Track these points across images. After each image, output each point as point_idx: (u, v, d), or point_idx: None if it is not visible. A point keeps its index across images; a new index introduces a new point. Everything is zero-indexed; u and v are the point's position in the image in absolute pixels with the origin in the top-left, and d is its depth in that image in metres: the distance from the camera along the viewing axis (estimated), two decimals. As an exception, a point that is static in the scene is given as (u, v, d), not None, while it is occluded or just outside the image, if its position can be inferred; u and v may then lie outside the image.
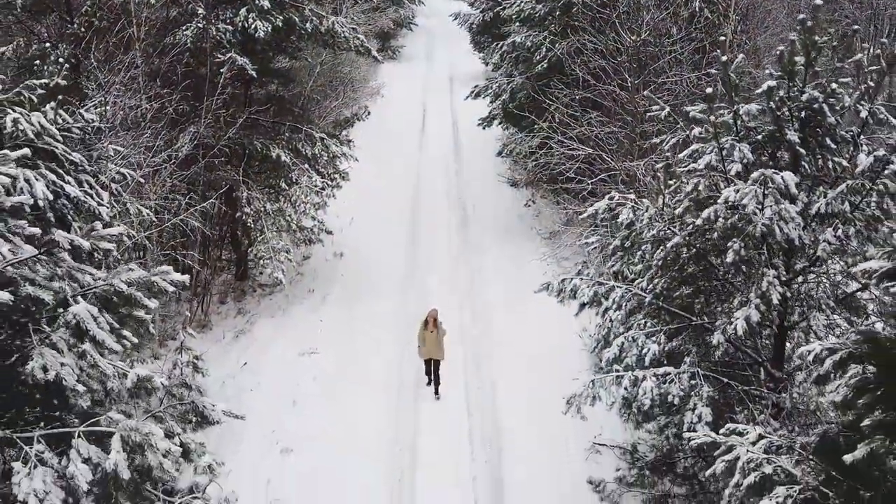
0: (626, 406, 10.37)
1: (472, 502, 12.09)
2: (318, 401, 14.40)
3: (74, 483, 6.27)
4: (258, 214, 16.97)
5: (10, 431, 6.54)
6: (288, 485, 12.21)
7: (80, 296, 6.79)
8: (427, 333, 14.72)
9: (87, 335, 6.64)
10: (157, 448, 6.46)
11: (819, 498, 7.07)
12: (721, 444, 7.71)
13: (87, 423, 6.56)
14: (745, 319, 9.61)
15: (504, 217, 23.39)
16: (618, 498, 12.02)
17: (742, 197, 9.35)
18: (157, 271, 7.01)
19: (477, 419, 14.08)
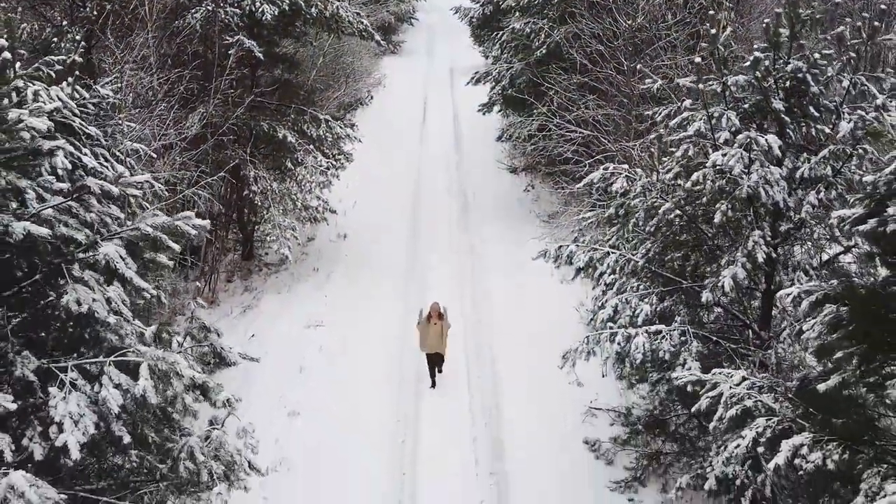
0: (619, 361, 10.87)
1: (472, 461, 12.57)
2: (324, 369, 14.93)
3: (106, 407, 6.76)
4: (265, 193, 17.47)
5: (46, 361, 7.05)
6: (294, 445, 12.72)
7: (108, 239, 7.30)
8: (430, 327, 14.20)
9: (116, 273, 7.15)
10: (181, 375, 6.99)
11: (795, 428, 7.58)
12: (707, 381, 8.22)
13: (117, 354, 7.08)
14: (732, 277, 10.11)
15: (504, 201, 23.90)
16: (612, 456, 12.53)
17: (729, 159, 9.86)
18: (180, 216, 7.52)
19: (477, 386, 14.57)
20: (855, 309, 7.32)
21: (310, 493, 11.71)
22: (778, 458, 7.40)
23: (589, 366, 14.66)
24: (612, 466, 12.34)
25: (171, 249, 7.36)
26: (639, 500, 11.65)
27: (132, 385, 6.87)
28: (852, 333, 7.24)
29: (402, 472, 12.32)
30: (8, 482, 5.91)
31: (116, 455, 7.43)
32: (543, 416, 13.54)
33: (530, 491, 11.83)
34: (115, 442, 6.93)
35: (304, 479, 12.00)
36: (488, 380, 14.80)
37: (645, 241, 11.95)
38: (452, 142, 29.68)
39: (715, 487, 10.42)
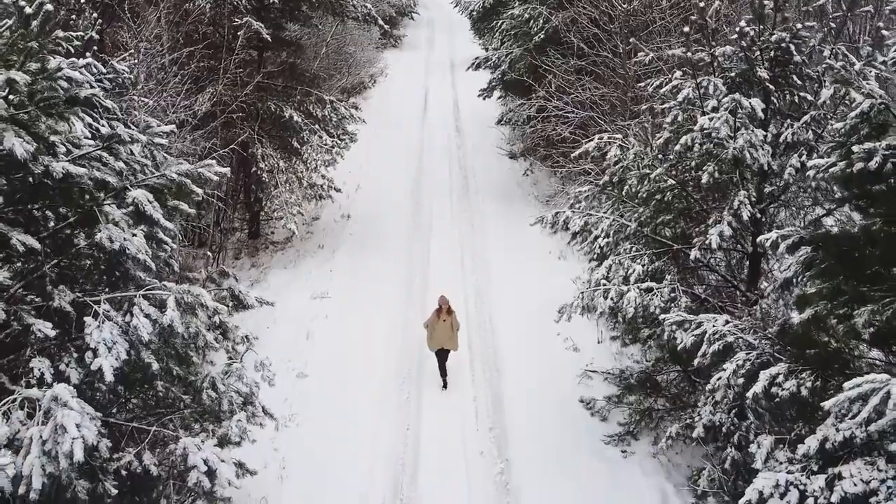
0: (612, 316, 11.46)
1: (473, 417, 13.17)
2: (330, 335, 15.52)
3: (137, 335, 7.35)
4: (272, 171, 18.06)
5: (80, 295, 7.65)
6: (303, 403, 13.29)
7: (136, 186, 7.90)
8: (439, 322, 13.80)
9: (144, 215, 7.74)
10: (206, 305, 7.58)
11: (773, 360, 8.18)
12: (692, 321, 8.82)
13: (146, 288, 7.67)
14: (719, 234, 10.72)
15: (503, 185, 24.47)
16: (607, 413, 13.10)
17: (715, 122, 10.46)
18: (203, 164, 8.10)
19: (478, 352, 15.15)
20: (826, 249, 7.93)
21: (318, 446, 12.27)
22: (756, 387, 8.01)
23: (585, 333, 15.43)
24: (607, 423, 12.91)
25: (196, 194, 7.93)
26: (631, 452, 12.22)
27: (160, 316, 7.46)
28: (824, 271, 7.85)
29: (407, 426, 12.91)
30: (52, 393, 6.50)
31: (145, 384, 8.00)
32: (541, 379, 14.12)
33: (528, 443, 12.41)
34: (143, 369, 7.50)
35: (312, 433, 12.58)
36: (489, 346, 15.37)
37: (637, 207, 12.57)
38: (453, 129, 30.27)
39: (703, 435, 11.07)
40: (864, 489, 7.20)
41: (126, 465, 7.71)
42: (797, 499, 7.46)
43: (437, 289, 17.39)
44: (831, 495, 7.31)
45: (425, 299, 16.96)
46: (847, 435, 7.38)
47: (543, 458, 12.07)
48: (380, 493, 11.39)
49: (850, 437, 7.37)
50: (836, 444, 7.43)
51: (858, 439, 7.37)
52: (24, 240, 7.17)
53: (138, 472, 7.74)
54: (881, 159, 6.89)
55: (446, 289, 15.43)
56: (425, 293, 17.23)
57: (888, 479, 7.17)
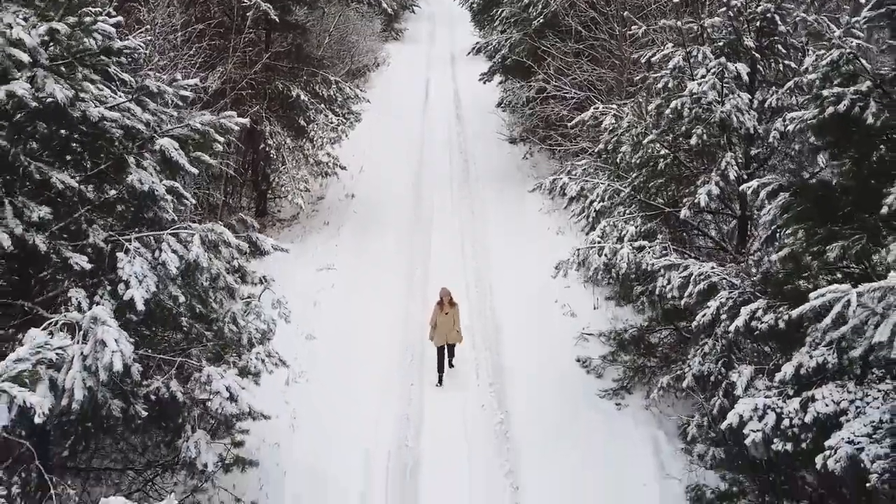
0: (606, 272, 12.06)
1: (474, 375, 13.79)
2: (336, 302, 16.16)
3: (165, 269, 7.98)
4: (279, 148, 18.69)
5: (113, 233, 8.27)
6: (311, 362, 13.93)
7: (163, 135, 8.52)
8: (442, 316, 13.39)
9: (171, 161, 8.37)
10: (229, 243, 8.21)
11: (753, 298, 8.81)
12: (680, 265, 9.44)
13: (173, 228, 8.30)
14: (707, 193, 11.34)
15: (503, 168, 25.09)
16: (602, 371, 13.73)
17: (703, 86, 11.09)
18: (224, 115, 8.74)
19: (479, 318, 15.77)
20: (803, 194, 8.56)
21: (326, 401, 12.91)
22: (738, 321, 8.65)
23: (582, 299, 16.07)
24: (602, 379, 13.54)
25: (218, 142, 8.56)
26: (625, 405, 12.84)
27: (186, 252, 8.08)
28: (800, 213, 8.48)
29: (411, 383, 13.54)
30: (92, 314, 7.12)
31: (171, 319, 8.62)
32: (539, 341, 14.74)
33: (526, 398, 13.04)
34: (171, 301, 8.12)
35: (321, 389, 13.22)
36: (489, 314, 16.00)
37: (631, 173, 13.20)
38: (454, 116, 30.89)
39: (692, 384, 11.70)
40: (834, 409, 7.83)
41: (154, 391, 8.33)
42: (774, 420, 8.10)
43: (439, 259, 18.15)
44: (805, 416, 7.94)
45: (427, 271, 17.63)
46: (820, 361, 8.02)
47: (541, 410, 12.70)
48: (385, 444, 12.01)
49: (823, 363, 8.02)
50: (810, 370, 8.07)
51: (830, 364, 8.02)
52: (62, 179, 7.79)
53: (165, 397, 8.37)
54: (849, 102, 7.52)
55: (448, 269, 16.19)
56: (427, 265, 17.92)
57: (856, 400, 7.80)
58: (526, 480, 11.14)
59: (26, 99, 7.18)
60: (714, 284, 9.28)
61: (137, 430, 8.55)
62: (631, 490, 10.86)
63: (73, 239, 8.17)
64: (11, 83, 7.10)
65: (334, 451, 11.66)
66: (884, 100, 7.62)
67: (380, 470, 11.38)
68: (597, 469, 11.25)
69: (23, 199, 7.72)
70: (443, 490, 10.94)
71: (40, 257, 8.05)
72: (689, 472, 11.12)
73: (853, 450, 7.41)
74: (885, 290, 6.18)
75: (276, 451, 11.57)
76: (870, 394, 7.82)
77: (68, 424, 8.28)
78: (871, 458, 7.32)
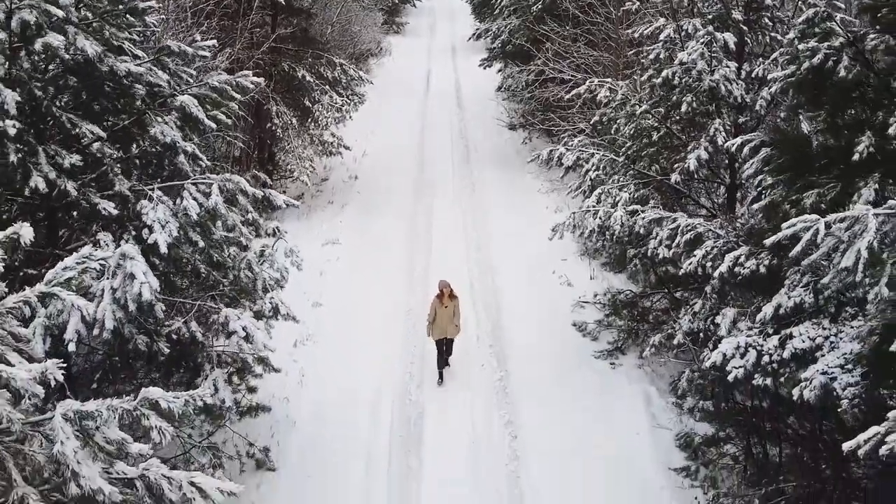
0: (600, 234, 12.63)
1: (474, 338, 14.35)
2: (341, 273, 16.75)
3: (186, 215, 8.54)
4: (285, 127, 19.27)
5: (137, 182, 8.85)
6: (317, 326, 14.50)
7: (183, 92, 9.09)
8: (441, 309, 12.89)
9: (191, 116, 8.94)
10: (246, 192, 8.79)
11: (737, 247, 9.38)
12: (668, 217, 10.01)
13: (193, 179, 8.86)
14: (696, 158, 11.92)
15: (502, 152, 25.69)
16: (597, 334, 14.30)
17: (692, 54, 11.66)
18: (240, 74, 9.31)
19: (479, 289, 16.34)
20: (782, 148, 9.13)
21: (332, 361, 13.49)
22: (722, 267, 9.22)
23: (578, 270, 16.66)
24: (597, 342, 14.10)
25: (235, 100, 9.13)
26: (619, 364, 13.41)
27: (206, 200, 8.65)
28: (780, 166, 9.05)
29: (413, 345, 14.10)
30: (121, 251, 7.68)
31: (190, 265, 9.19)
32: (537, 308, 15.32)
33: (524, 358, 13.61)
34: (191, 245, 8.69)
35: (327, 350, 13.80)
36: (489, 283, 16.56)
37: (625, 143, 13.78)
38: (455, 104, 31.50)
39: (683, 341, 12.28)
40: (810, 345, 8.39)
41: (175, 331, 8.89)
42: (755, 357, 8.66)
43: (440, 234, 18.73)
44: (783, 352, 8.50)
45: (430, 246, 18.20)
46: (797, 301, 8.59)
47: (539, 369, 13.27)
48: (389, 398, 12.58)
49: (800, 303, 8.59)
50: (788, 309, 8.63)
51: (807, 304, 8.59)
52: (91, 129, 8.36)
53: (186, 337, 8.93)
54: (823, 57, 8.08)
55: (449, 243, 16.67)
56: (430, 240, 18.50)
57: (831, 336, 8.36)
58: (524, 429, 11.72)
59: (60, 51, 7.75)
60: (700, 234, 9.86)
61: (160, 368, 9.10)
62: (624, 438, 11.44)
63: (100, 188, 8.74)
64: (47, 35, 7.66)
65: (341, 403, 12.24)
66: (856, 55, 8.18)
67: (385, 420, 11.95)
68: (591, 419, 11.83)
69: (55, 147, 8.29)
70: (446, 436, 11.51)
71: (70, 204, 8.61)
72: (679, 424, 11.69)
73: (826, 379, 7.98)
74: (851, 220, 6.75)
75: (286, 404, 12.15)
76: (843, 330, 8.37)
77: (95, 360, 8.86)
78: (842, 387, 7.89)
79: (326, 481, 10.59)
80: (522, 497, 10.39)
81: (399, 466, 11.00)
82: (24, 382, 4.73)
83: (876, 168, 8.24)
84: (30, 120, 8.27)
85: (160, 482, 5.78)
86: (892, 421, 5.55)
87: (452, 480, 10.64)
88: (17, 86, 7.91)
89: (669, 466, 10.81)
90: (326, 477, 10.68)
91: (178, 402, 5.32)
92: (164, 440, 5.31)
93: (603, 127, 14.45)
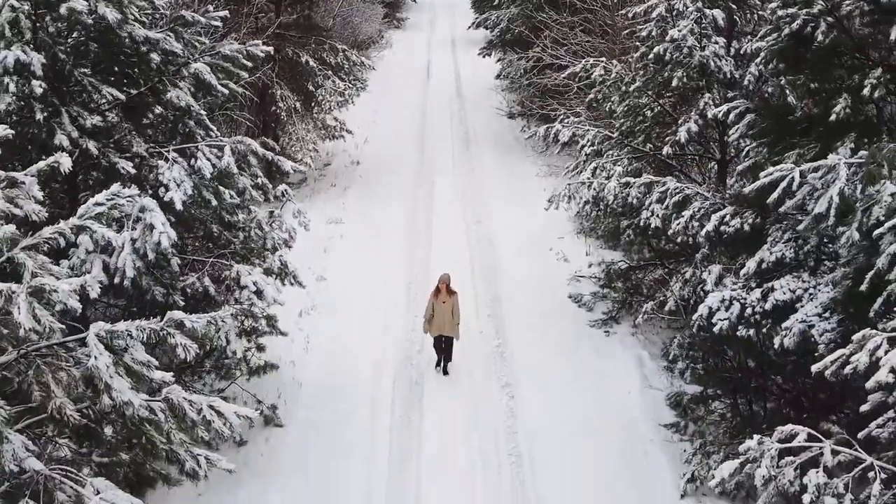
0: (594, 205, 13.13)
1: (473, 309, 14.82)
2: (344, 250, 17.26)
3: (200, 175, 9.04)
4: (290, 111, 19.76)
5: (153, 144, 9.34)
6: (322, 298, 15.00)
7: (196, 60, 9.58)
8: (439, 304, 12.36)
9: (204, 82, 9.43)
10: (257, 152, 9.28)
11: (722, 207, 9.87)
12: (658, 181, 10.51)
13: (206, 141, 9.36)
14: (687, 131, 12.41)
15: (501, 139, 26.16)
16: (592, 305, 14.79)
17: (683, 30, 12.15)
18: (251, 43, 9.80)
19: (478, 263, 16.83)
20: (765, 114, 9.63)
21: (336, 329, 13.98)
22: (708, 226, 9.72)
23: (574, 247, 17.16)
24: (592, 313, 14.60)
25: (246, 67, 9.62)
26: (613, 332, 13.91)
27: (218, 161, 9.15)
28: (763, 130, 9.55)
29: (414, 314, 14.59)
30: (140, 203, 8.16)
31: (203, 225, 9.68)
32: (534, 281, 15.80)
33: (521, 327, 14.10)
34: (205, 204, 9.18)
35: (331, 319, 14.31)
36: (488, 258, 17.06)
37: (619, 119, 14.28)
38: (455, 94, 31.98)
39: (674, 307, 12.79)
40: (790, 297, 8.89)
41: (190, 286, 9.38)
42: (738, 310, 9.17)
43: (441, 215, 19.23)
44: (765, 304, 9.01)
45: (430, 226, 18.69)
46: (778, 256, 9.10)
47: (535, 337, 13.76)
48: (391, 361, 13.08)
49: (781, 257, 9.09)
50: (770, 264, 9.14)
51: (788, 259, 9.09)
52: (111, 91, 8.85)
53: (199, 292, 9.42)
54: (801, 23, 8.57)
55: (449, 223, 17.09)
56: (430, 220, 19.01)
57: (810, 288, 8.86)
58: (520, 389, 12.21)
59: (83, 16, 8.23)
60: (688, 196, 10.36)
61: (175, 321, 9.58)
62: (616, 397, 11.94)
63: (119, 149, 9.23)
64: (71, 1, 8.14)
65: (345, 367, 12.74)
66: (833, 22, 8.66)
67: (387, 380, 12.46)
68: (585, 381, 12.33)
69: (77, 109, 8.78)
70: (446, 396, 12.01)
71: (90, 166, 9.11)
72: (670, 386, 12.17)
73: (805, 326, 8.49)
74: (825, 169, 7.24)
75: (292, 367, 12.64)
76: (821, 282, 8.87)
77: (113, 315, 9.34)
78: (819, 333, 8.39)
79: (332, 433, 11.10)
80: (518, 447, 10.88)
81: (401, 420, 11.51)
82: (65, 294, 5.22)
83: (852, 129, 8.74)
84: (54, 84, 8.75)
85: (182, 404, 6.27)
86: (856, 343, 6.04)
87: (451, 433, 11.14)
88: (43, 49, 8.39)
89: (659, 423, 11.30)
90: (332, 430, 11.18)
91: (200, 322, 5.81)
92: (189, 356, 5.78)
93: (598, 104, 14.94)
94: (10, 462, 5.20)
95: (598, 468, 10.54)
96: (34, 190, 5.72)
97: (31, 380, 5.52)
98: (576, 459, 10.70)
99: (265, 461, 10.63)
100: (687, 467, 10.15)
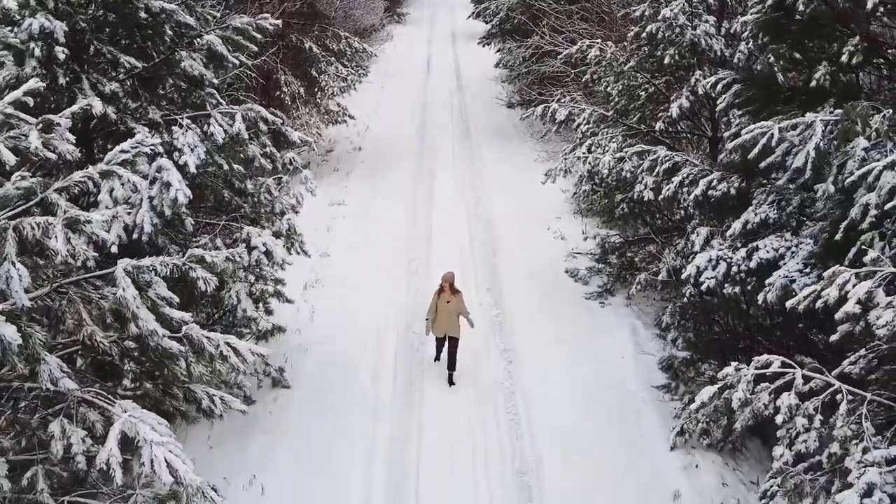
0: (589, 179, 13.61)
1: (473, 284, 15.30)
2: (347, 228, 17.76)
3: (213, 140, 9.51)
4: (293, 96, 20.24)
5: (167, 112, 9.81)
6: (326, 272, 15.48)
7: (208, 33, 10.05)
8: (442, 304, 11.79)
9: (216, 54, 9.90)
10: (266, 119, 9.75)
11: (708, 173, 10.34)
12: (650, 150, 10.98)
13: (217, 109, 9.83)
14: (679, 107, 12.90)
15: (501, 127, 26.65)
16: (587, 279, 15.25)
17: (674, 9, 12.62)
18: (260, 17, 10.28)
19: (477, 240, 17.30)
20: (751, 84, 10.09)
21: (339, 302, 14.44)
22: (696, 190, 10.19)
23: (571, 227, 17.64)
24: (588, 286, 15.06)
25: (255, 39, 10.09)
26: (608, 304, 14.37)
27: (230, 127, 9.62)
28: (748, 99, 10.01)
29: (417, 288, 15.06)
30: (157, 164, 8.62)
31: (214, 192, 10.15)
32: (532, 258, 16.27)
33: (519, 299, 14.57)
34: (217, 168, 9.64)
35: (335, 291, 14.79)
36: (488, 236, 17.53)
37: (614, 99, 14.75)
38: (454, 85, 32.51)
39: (666, 278, 13.26)
40: (774, 255, 9.35)
41: (203, 246, 9.82)
42: (725, 268, 9.65)
43: (441, 197, 19.71)
44: (750, 262, 9.48)
45: (430, 209, 19.16)
46: (763, 217, 9.57)
47: (532, 308, 14.23)
48: (393, 329, 13.55)
49: (765, 218, 9.56)
50: (755, 224, 9.61)
51: (771, 220, 9.56)
52: (129, 60, 9.33)
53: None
54: (784, -8, 9.05)
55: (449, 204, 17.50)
56: (430, 202, 19.48)
57: (792, 247, 9.32)
58: (519, 354, 12.69)
59: (103, -15, 8.71)
60: (678, 163, 10.84)
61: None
62: (610, 361, 12.41)
63: (135, 116, 9.70)
64: (91, -29, 8.62)
65: (349, 334, 13.22)
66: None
67: (390, 346, 12.94)
68: (581, 347, 12.80)
69: (96, 76, 9.25)
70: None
71: (109, 133, 9.58)
72: (662, 352, 12.63)
73: (786, 281, 8.95)
74: (803, 126, 7.71)
75: (298, 335, 13.11)
76: (803, 241, 9.34)
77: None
78: (800, 287, 8.85)
79: (338, 394, 11.58)
80: (516, 407, 11.36)
81: (403, 383, 11.99)
82: (98, 225, 5.69)
83: (831, 96, 9.21)
84: (74, 52, 9.22)
85: (201, 339, 6.74)
86: (826, 279, 6.50)
87: (452, 394, 11.62)
88: (64, 18, 8.86)
89: (652, 384, 11.77)
90: (337, 391, 11.66)
91: (219, 257, 6.28)
92: (209, 288, 6.25)
93: (594, 84, 15.40)
94: (46, 381, 5.67)
95: (593, 426, 11.01)
96: (67, 133, 6.18)
97: (65, 308, 5.99)
98: (572, 418, 11.17)
99: (273, 419, 11.10)
100: (677, 422, 10.62)
